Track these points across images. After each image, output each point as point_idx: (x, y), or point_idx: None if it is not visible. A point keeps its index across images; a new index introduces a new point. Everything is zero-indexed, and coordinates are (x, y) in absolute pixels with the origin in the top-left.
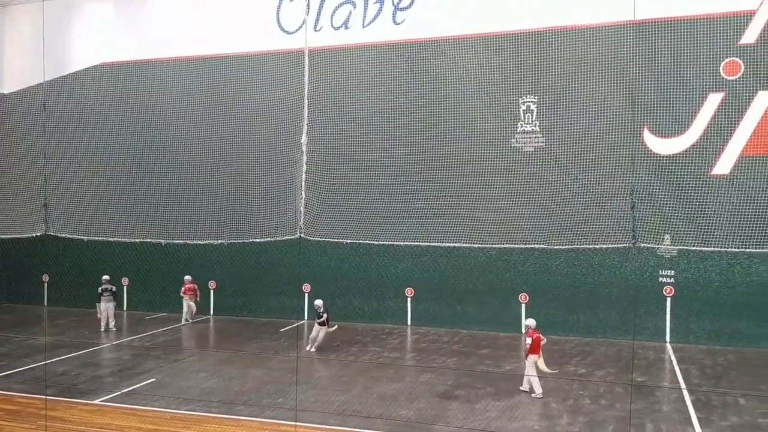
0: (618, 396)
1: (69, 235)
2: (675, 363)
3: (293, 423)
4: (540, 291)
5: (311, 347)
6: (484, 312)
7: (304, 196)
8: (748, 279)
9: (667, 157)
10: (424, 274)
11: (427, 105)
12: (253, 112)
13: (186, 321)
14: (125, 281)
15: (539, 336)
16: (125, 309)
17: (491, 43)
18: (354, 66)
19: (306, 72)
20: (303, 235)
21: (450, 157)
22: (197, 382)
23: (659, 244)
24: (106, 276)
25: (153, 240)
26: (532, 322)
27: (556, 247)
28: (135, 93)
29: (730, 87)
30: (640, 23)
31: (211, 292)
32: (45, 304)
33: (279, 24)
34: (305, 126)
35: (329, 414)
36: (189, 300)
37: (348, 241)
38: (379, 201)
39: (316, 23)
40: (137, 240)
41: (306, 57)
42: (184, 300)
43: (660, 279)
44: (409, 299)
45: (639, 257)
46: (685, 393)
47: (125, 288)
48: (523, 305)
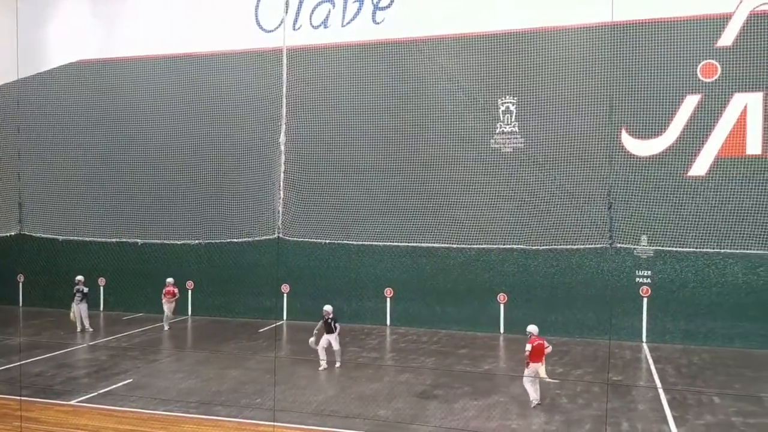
0: (595, 395)
1: (44, 235)
2: (651, 362)
3: (271, 423)
4: (518, 291)
5: (338, 362)
6: (463, 312)
7: (282, 195)
8: (723, 279)
9: (645, 159)
10: (403, 274)
11: (407, 105)
12: (231, 110)
13: (168, 327)
14: (102, 281)
15: (542, 343)
16: (102, 309)
17: (471, 44)
18: (333, 65)
19: (284, 71)
20: (281, 235)
21: (429, 158)
22: (175, 382)
23: (636, 244)
24: (79, 277)
25: (129, 240)
26: (534, 328)
27: (534, 248)
28: (111, 91)
29: (707, 89)
30: (618, 25)
31: (189, 292)
32: (20, 304)
33: (257, 22)
34: (283, 125)
35: (307, 414)
36: (168, 303)
37: (327, 242)
38: (359, 201)
39: (294, 22)
40: (113, 240)
41: (284, 56)
42: (163, 304)
43: (637, 279)
44: (389, 299)
45: (616, 258)
46: (661, 392)
47: (102, 288)
48: (502, 305)
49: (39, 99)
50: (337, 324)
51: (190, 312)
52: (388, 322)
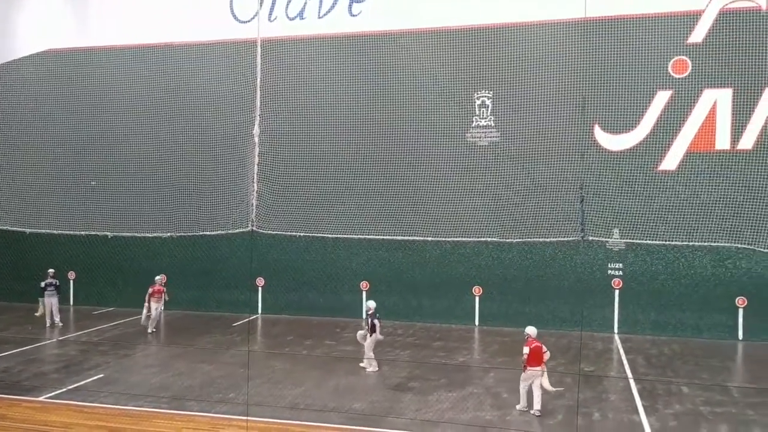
0: (567, 386)
1: (10, 228)
2: (622, 353)
3: (244, 418)
4: (493, 284)
5: (371, 367)
6: (438, 305)
7: (256, 188)
8: (692, 272)
9: (617, 153)
10: (379, 267)
11: (383, 98)
12: (205, 102)
13: (152, 330)
14: (72, 275)
15: (539, 346)
16: (72, 304)
17: (448, 38)
18: (309, 57)
19: (258, 62)
20: (255, 228)
21: (405, 151)
22: (147, 377)
23: (608, 237)
24: (51, 270)
25: (100, 233)
26: (532, 330)
27: (508, 241)
28: (82, 81)
29: (678, 85)
30: (591, 21)
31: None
32: None
33: (232, 13)
34: (257, 117)
35: (282, 408)
36: (156, 303)
37: (301, 235)
38: (334, 194)
39: (270, 13)
40: (83, 233)
41: (258, 47)
42: (151, 303)
43: (609, 272)
44: (364, 293)
45: (589, 251)
46: (632, 382)
47: (72, 282)
48: (477, 297)
49: (7, 89)
50: (375, 321)
51: (162, 306)
52: (363, 315)
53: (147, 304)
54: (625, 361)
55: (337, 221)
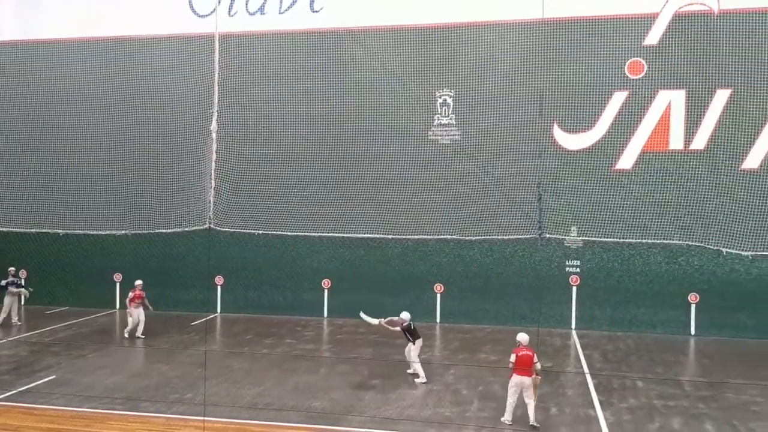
0: None
1: None
2: (579, 349)
3: (201, 418)
4: (454, 281)
5: (421, 377)
6: (400, 302)
7: (213, 185)
8: (646, 268)
9: (575, 152)
10: (340, 265)
11: (344, 95)
12: (161, 97)
13: (141, 336)
14: (23, 274)
15: (528, 354)
16: (23, 304)
17: (409, 36)
18: (269, 53)
19: (216, 57)
20: (213, 226)
21: (367, 149)
22: (100, 378)
23: (566, 235)
24: (12, 268)
25: (51, 230)
26: (523, 337)
27: (468, 238)
28: (32, 75)
29: (633, 86)
30: (550, 21)
31: (117, 285)
32: None
33: (191, 6)
34: (215, 113)
35: (240, 408)
36: (136, 308)
37: (260, 232)
38: (294, 191)
39: (230, 7)
40: (33, 230)
41: (216, 41)
42: (130, 309)
43: (567, 269)
44: (326, 291)
45: (547, 248)
46: (588, 377)
47: (23, 281)
48: (438, 295)
49: None
50: (412, 328)
51: (117, 305)
52: (325, 313)
53: (128, 309)
54: (582, 357)
55: (298, 219)
